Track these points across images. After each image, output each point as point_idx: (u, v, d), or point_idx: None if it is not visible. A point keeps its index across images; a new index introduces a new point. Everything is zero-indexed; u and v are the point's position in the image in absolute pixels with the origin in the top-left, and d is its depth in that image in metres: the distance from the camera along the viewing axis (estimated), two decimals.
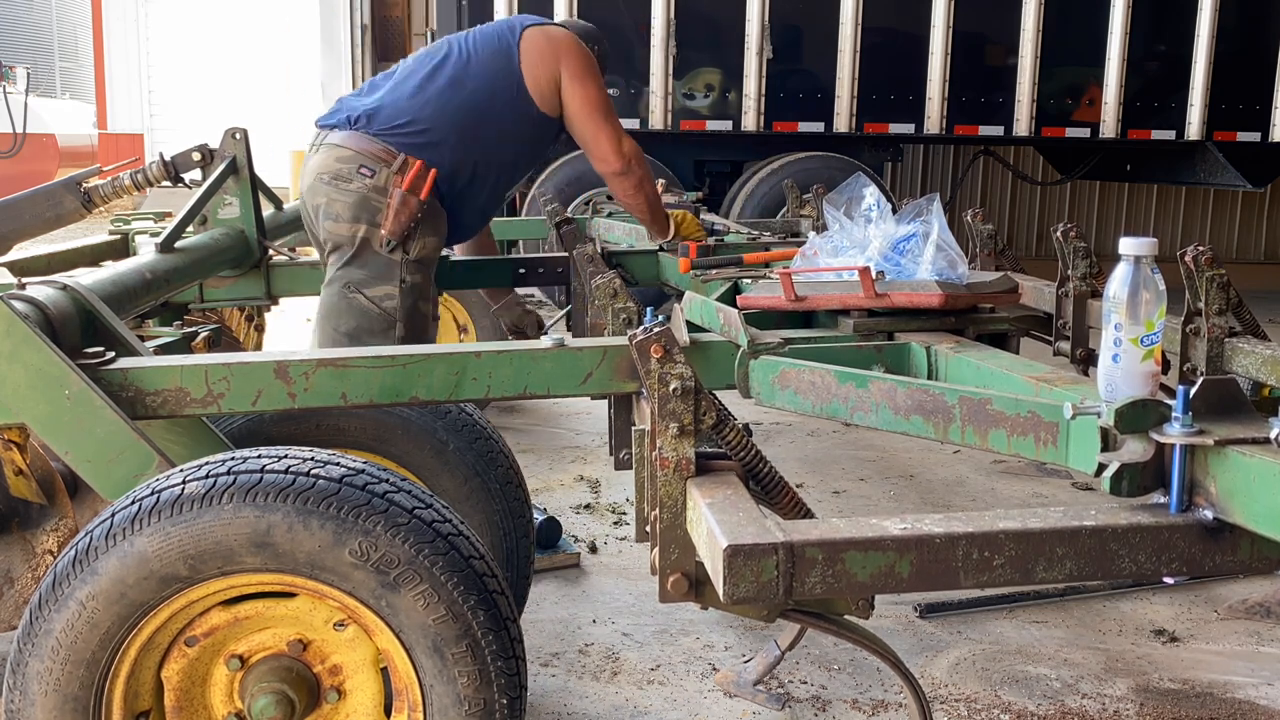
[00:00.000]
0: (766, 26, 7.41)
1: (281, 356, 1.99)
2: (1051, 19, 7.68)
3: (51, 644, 1.60)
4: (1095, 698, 2.59)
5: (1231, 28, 7.84)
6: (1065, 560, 1.43)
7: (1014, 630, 2.94)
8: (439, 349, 2.10)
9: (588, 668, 2.70)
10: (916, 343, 2.27)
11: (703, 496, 1.53)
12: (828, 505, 3.90)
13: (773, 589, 1.38)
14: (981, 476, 4.25)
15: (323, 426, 2.31)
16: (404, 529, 1.62)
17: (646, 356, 1.57)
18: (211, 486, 1.60)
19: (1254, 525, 1.38)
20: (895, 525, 1.43)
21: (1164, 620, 3.01)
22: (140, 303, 2.62)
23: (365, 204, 3.00)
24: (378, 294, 3.04)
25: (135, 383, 1.93)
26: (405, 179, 2.99)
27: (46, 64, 18.33)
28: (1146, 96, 7.93)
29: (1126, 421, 1.46)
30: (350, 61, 7.86)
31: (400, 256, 3.04)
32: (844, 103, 7.58)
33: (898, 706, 2.52)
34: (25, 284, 2.03)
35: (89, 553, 1.60)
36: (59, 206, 3.50)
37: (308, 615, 1.72)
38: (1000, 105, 7.80)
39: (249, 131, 3.43)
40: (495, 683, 1.65)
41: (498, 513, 2.36)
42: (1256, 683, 2.68)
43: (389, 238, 3.00)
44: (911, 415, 1.81)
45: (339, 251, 3.06)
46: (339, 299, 3.07)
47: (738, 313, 2.19)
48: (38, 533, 2.21)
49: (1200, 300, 2.37)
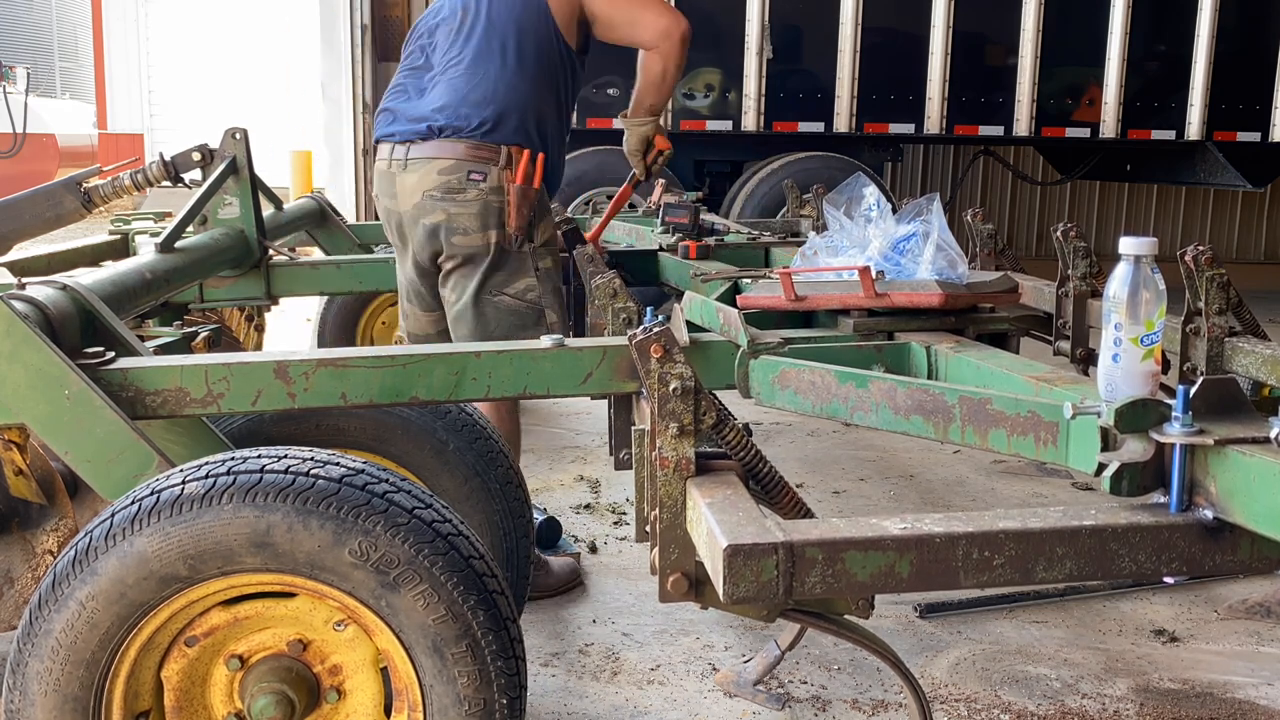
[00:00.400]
0: (766, 26, 7.41)
1: (281, 356, 1.99)
2: (1051, 19, 7.67)
3: (51, 644, 1.60)
4: (1095, 698, 2.59)
5: (1231, 27, 7.84)
6: (1065, 560, 1.43)
7: (1014, 630, 2.94)
8: (438, 349, 2.10)
9: (588, 667, 2.70)
10: (916, 342, 2.27)
11: (703, 496, 1.53)
12: (828, 505, 3.90)
13: (773, 589, 1.38)
14: (981, 476, 4.25)
15: (323, 426, 2.30)
16: (404, 529, 1.62)
17: (646, 356, 1.57)
18: (211, 486, 1.60)
19: (1254, 525, 1.38)
20: (895, 525, 1.43)
21: (1164, 620, 3.01)
22: (140, 303, 2.62)
23: (488, 209, 2.95)
24: (519, 289, 3.01)
25: (135, 383, 1.93)
26: (518, 173, 2.95)
27: (46, 64, 18.33)
28: (1146, 96, 7.93)
29: (1126, 421, 1.46)
30: (350, 61, 7.84)
31: (529, 247, 3.01)
32: (844, 103, 7.58)
33: (898, 706, 2.52)
34: (25, 284, 2.03)
35: (89, 553, 1.60)
36: (59, 206, 3.50)
37: (308, 615, 1.72)
38: (1000, 105, 7.80)
39: (249, 131, 3.43)
40: (495, 683, 1.65)
41: (498, 513, 2.36)
42: (1256, 683, 2.68)
43: (516, 235, 2.97)
44: (911, 415, 1.81)
45: (472, 263, 2.99)
46: (483, 308, 3.01)
47: (737, 312, 2.19)
48: (38, 533, 2.21)
49: (1200, 300, 2.37)
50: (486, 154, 2.94)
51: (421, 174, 2.97)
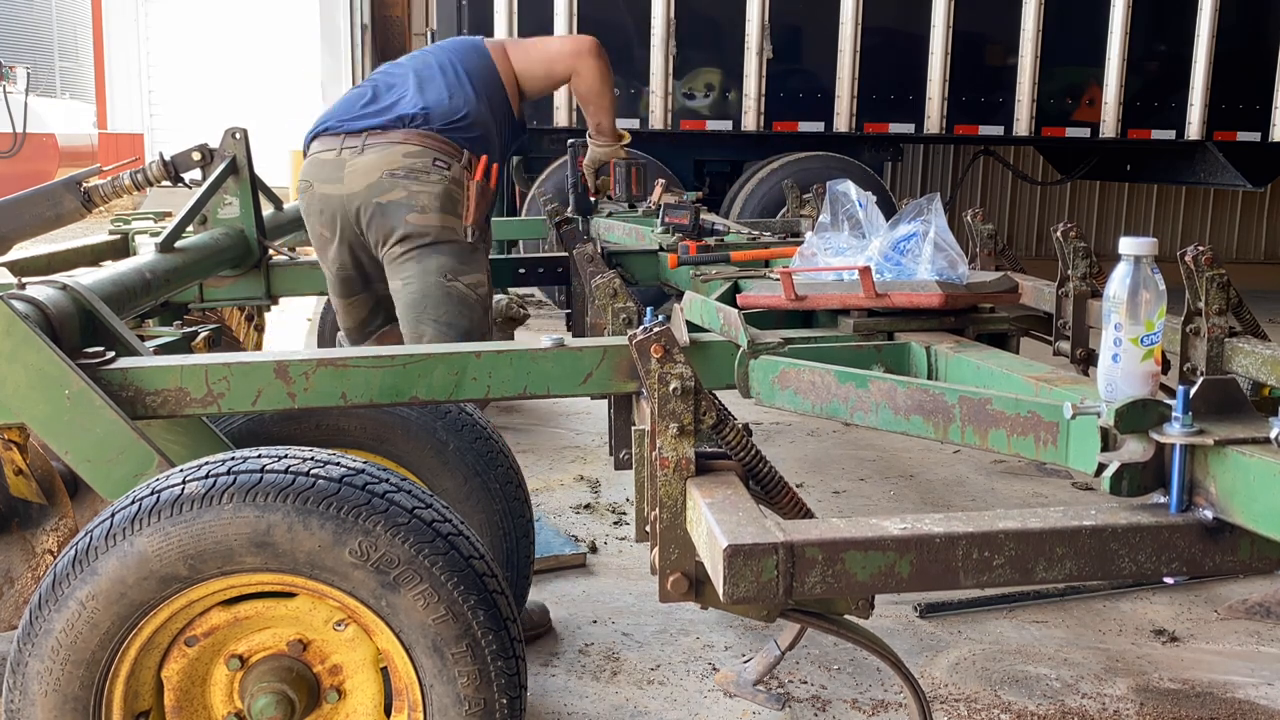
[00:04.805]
0: (766, 26, 7.40)
1: (281, 356, 1.99)
2: (1051, 19, 7.67)
3: (51, 644, 1.60)
4: (1095, 697, 2.59)
5: (1232, 27, 7.84)
6: (1065, 560, 1.43)
7: (1014, 630, 2.94)
8: (438, 349, 2.10)
9: (588, 667, 2.70)
10: (916, 342, 2.27)
11: (702, 496, 1.53)
12: (828, 505, 3.90)
13: (773, 589, 1.38)
14: (982, 476, 4.25)
15: (323, 426, 2.31)
16: (404, 529, 1.62)
17: (646, 356, 1.57)
18: (211, 486, 1.60)
19: (1254, 525, 1.38)
20: (895, 525, 1.43)
21: (1164, 620, 3.01)
22: (140, 302, 2.62)
23: (449, 195, 3.09)
24: (472, 281, 3.13)
25: (135, 382, 1.93)
26: (478, 171, 3.13)
27: (46, 64, 18.33)
28: (1146, 96, 7.93)
29: (1126, 421, 1.46)
30: (350, 61, 7.85)
31: (481, 246, 3.18)
32: (844, 102, 7.57)
33: (898, 706, 2.52)
34: (25, 284, 2.03)
35: (89, 553, 1.60)
36: (59, 206, 3.50)
37: (308, 615, 1.72)
38: (1000, 105, 7.80)
39: (249, 131, 3.43)
40: (495, 682, 1.65)
41: (498, 512, 2.36)
42: (1256, 682, 2.68)
43: (472, 228, 3.12)
44: (911, 415, 1.81)
45: (425, 245, 3.08)
46: (438, 288, 3.09)
47: (738, 313, 2.19)
48: (38, 532, 2.21)
49: (1200, 300, 2.37)
50: (452, 150, 3.12)
51: (383, 155, 3.07)
